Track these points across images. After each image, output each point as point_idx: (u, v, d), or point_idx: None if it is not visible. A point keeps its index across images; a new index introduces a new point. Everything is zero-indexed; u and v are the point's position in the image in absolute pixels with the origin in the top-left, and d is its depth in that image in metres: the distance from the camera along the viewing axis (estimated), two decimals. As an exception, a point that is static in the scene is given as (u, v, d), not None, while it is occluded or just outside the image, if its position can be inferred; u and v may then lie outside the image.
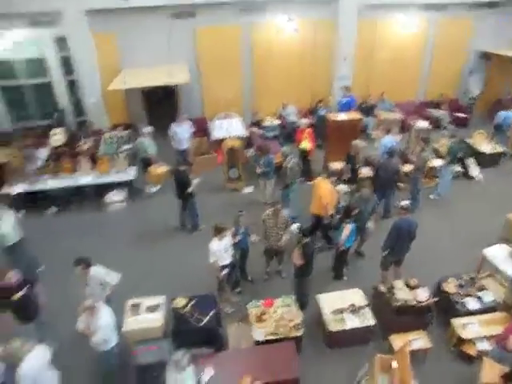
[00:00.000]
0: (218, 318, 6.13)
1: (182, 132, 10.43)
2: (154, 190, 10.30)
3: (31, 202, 9.86)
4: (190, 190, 8.38)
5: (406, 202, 6.84)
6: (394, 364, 5.22)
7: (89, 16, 10.62)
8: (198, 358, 5.65)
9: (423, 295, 6.32)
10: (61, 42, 11.10)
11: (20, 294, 5.87)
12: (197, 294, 6.38)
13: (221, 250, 6.50)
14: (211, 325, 5.86)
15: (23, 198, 9.73)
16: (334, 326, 6.15)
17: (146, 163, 10.17)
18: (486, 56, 13.38)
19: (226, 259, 6.64)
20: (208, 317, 5.83)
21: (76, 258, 6.00)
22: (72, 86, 11.77)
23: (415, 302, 6.25)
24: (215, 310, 6.07)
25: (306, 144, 9.78)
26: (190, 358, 5.01)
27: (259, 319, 6.13)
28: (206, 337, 5.90)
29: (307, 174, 9.92)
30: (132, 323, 6.17)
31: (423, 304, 6.23)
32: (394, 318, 6.25)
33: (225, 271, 6.65)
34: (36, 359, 5.09)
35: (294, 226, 6.87)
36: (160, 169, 10.08)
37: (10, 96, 11.79)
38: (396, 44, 12.74)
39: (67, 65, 11.43)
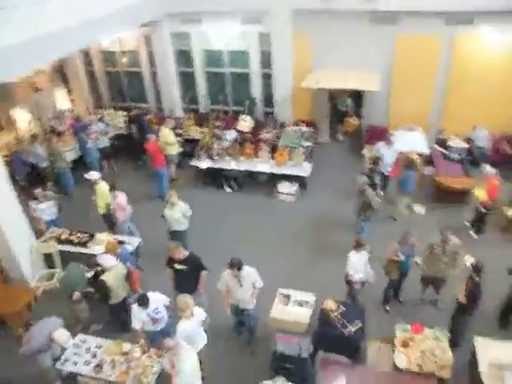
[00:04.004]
0: (363, 331, 6.04)
1: (389, 155, 9.65)
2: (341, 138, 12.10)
3: (211, 178, 11.03)
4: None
5: None
6: None
7: (292, 15, 11.19)
8: (332, 364, 5.73)
9: None
10: (264, 37, 11.93)
11: (180, 267, 6.54)
12: (347, 302, 6.40)
13: (358, 263, 6.54)
14: (356, 336, 5.82)
15: (206, 173, 10.92)
16: (489, 382, 5.44)
17: (341, 115, 11.82)
18: None
19: (361, 275, 6.66)
20: (355, 327, 5.80)
21: (231, 259, 6.10)
22: (266, 78, 12.59)
23: None
24: (362, 322, 6.00)
25: (481, 193, 8.58)
26: None
27: (405, 344, 5.86)
28: (347, 346, 5.90)
29: (479, 228, 8.92)
30: (280, 312, 6.43)
31: None
32: None
33: (357, 286, 6.65)
34: (194, 323, 5.74)
35: (469, 260, 6.31)
36: (355, 121, 11.67)
37: (213, 81, 13.20)
38: None
39: (265, 59, 12.25)
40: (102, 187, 8.68)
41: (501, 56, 10.58)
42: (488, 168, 8.61)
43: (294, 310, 6.42)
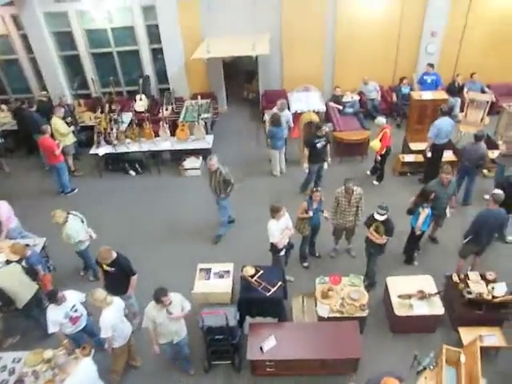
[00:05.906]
0: (284, 289, 6.24)
1: (283, 118, 9.49)
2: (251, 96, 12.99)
3: (113, 164, 10.55)
4: None
5: (499, 192, 6.37)
6: (463, 358, 5.06)
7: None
8: (261, 327, 5.90)
9: (500, 291, 6.01)
10: (148, 10, 11.45)
11: (109, 269, 6.12)
12: (265, 265, 6.53)
13: (279, 230, 6.47)
14: (278, 296, 5.98)
15: (107, 159, 10.43)
16: (400, 311, 6.05)
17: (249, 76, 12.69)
18: None
19: (285, 239, 6.67)
20: (275, 287, 5.96)
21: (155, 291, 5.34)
22: (157, 53, 12.14)
23: (490, 297, 5.97)
24: (282, 281, 6.17)
25: (376, 144, 8.95)
26: None
27: (325, 295, 6.17)
28: (271, 307, 6.06)
29: (379, 176, 9.51)
30: (202, 286, 6.49)
31: (499, 300, 5.93)
32: (465, 310, 6.00)
33: (282, 252, 6.77)
34: (115, 310, 5.56)
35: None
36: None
37: (101, 63, 12.45)
38: (496, 18, 11.44)
39: (153, 33, 11.79)
40: None
41: (381, 13, 11.16)
42: (380, 118, 9.12)
43: (215, 282, 6.51)
